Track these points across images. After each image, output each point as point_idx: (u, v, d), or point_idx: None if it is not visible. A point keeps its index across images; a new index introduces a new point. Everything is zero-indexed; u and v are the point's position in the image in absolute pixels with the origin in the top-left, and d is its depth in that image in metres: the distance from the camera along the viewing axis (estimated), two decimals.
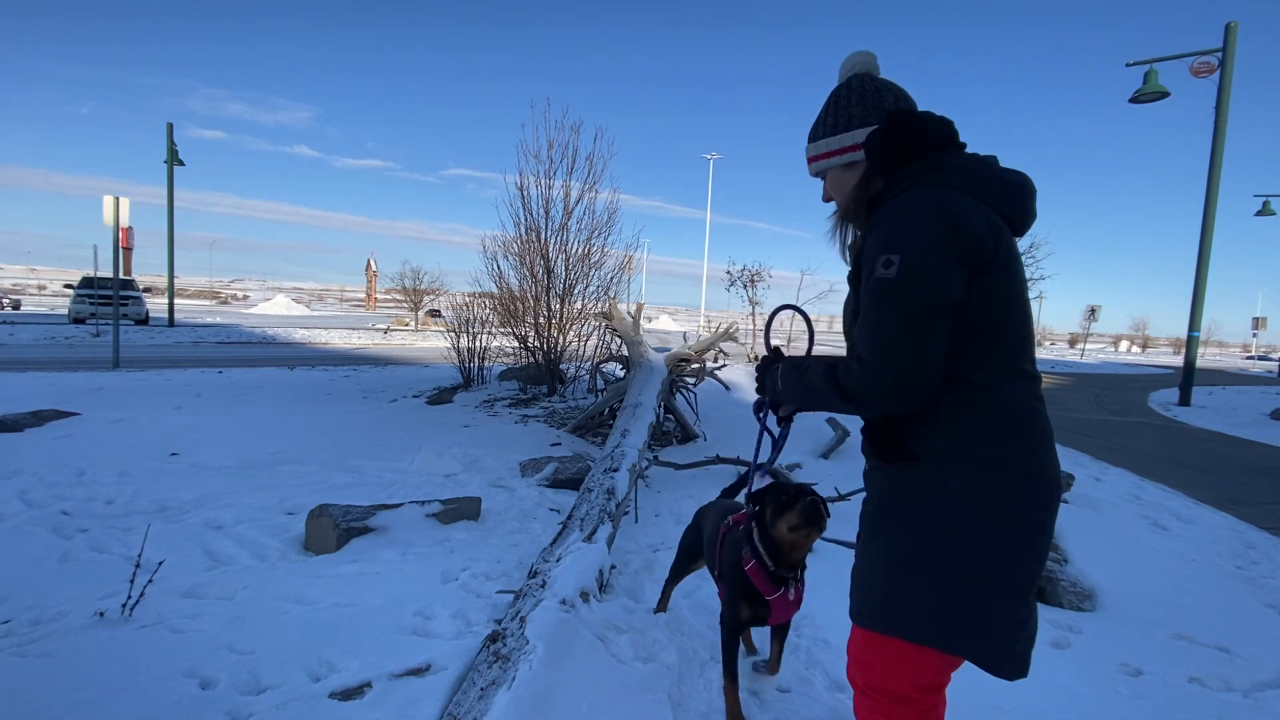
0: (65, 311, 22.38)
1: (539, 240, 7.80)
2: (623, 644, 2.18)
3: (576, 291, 7.91)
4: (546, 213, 7.79)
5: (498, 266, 7.97)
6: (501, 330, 8.27)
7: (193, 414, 6.23)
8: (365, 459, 4.83)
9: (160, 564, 2.50)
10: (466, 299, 8.66)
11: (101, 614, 2.25)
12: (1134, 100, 12.34)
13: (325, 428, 5.86)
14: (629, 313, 7.72)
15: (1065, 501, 3.74)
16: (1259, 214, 17.14)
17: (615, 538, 3.16)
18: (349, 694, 1.94)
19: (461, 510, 3.54)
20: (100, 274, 17.56)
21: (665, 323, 58.11)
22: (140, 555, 2.49)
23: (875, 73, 1.33)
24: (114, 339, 9.90)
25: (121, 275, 11.00)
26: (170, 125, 20.47)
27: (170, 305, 22.28)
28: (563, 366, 8.03)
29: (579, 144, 7.84)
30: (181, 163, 20.79)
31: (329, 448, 5.08)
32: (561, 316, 7.80)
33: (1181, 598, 3.06)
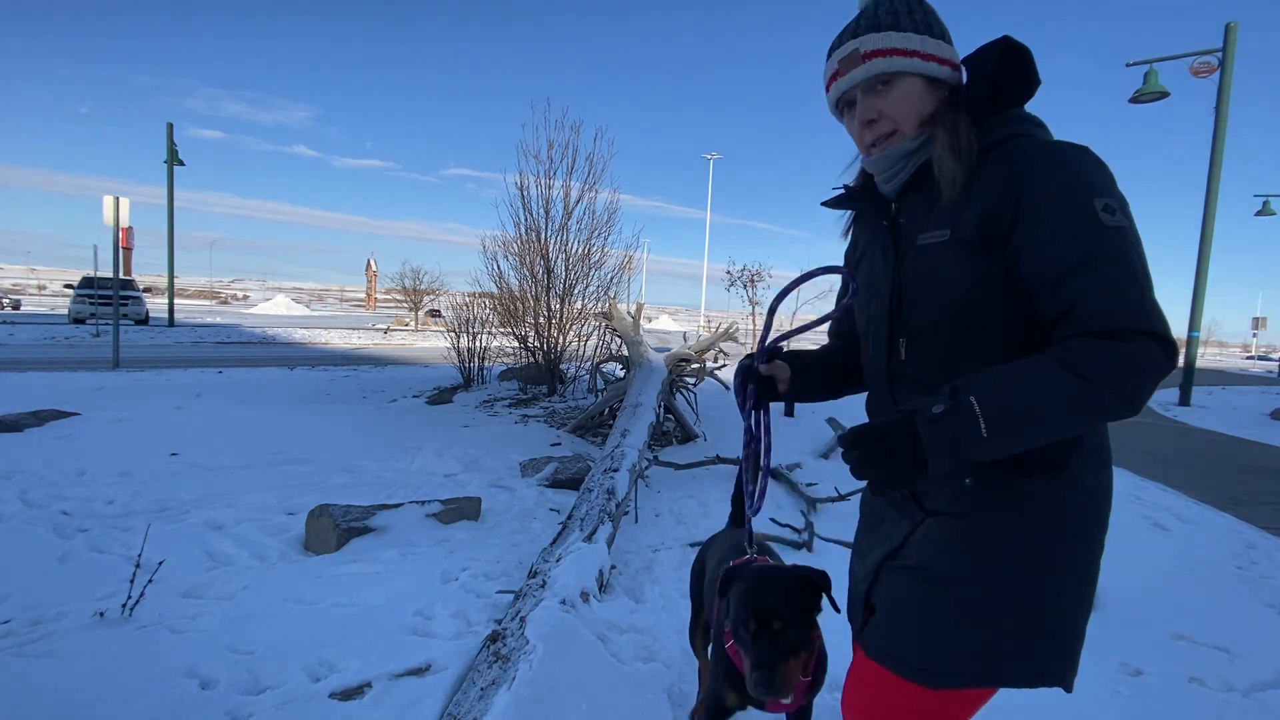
0: (65, 311, 22.38)
1: (539, 240, 7.81)
2: (623, 644, 2.19)
3: (576, 291, 7.92)
4: (546, 213, 7.80)
5: (498, 266, 7.99)
6: (501, 330, 8.27)
7: (193, 414, 6.23)
8: (365, 459, 4.83)
9: (160, 564, 2.50)
10: (466, 299, 8.67)
11: (101, 614, 2.25)
12: (1134, 100, 12.34)
13: (325, 428, 5.86)
14: (629, 313, 7.73)
15: None
16: (1259, 214, 17.13)
17: (615, 538, 3.16)
18: (349, 694, 1.94)
19: (461, 510, 3.54)
20: (100, 274, 17.57)
21: (665, 323, 58.12)
22: (140, 555, 2.49)
23: None
24: (114, 339, 9.91)
25: (121, 275, 11.00)
26: (170, 125, 20.49)
27: (170, 305, 22.29)
28: (563, 366, 8.03)
29: (579, 144, 7.86)
30: (181, 163, 20.80)
31: (329, 448, 5.08)
32: (561, 316, 7.80)
33: (1181, 598, 3.06)
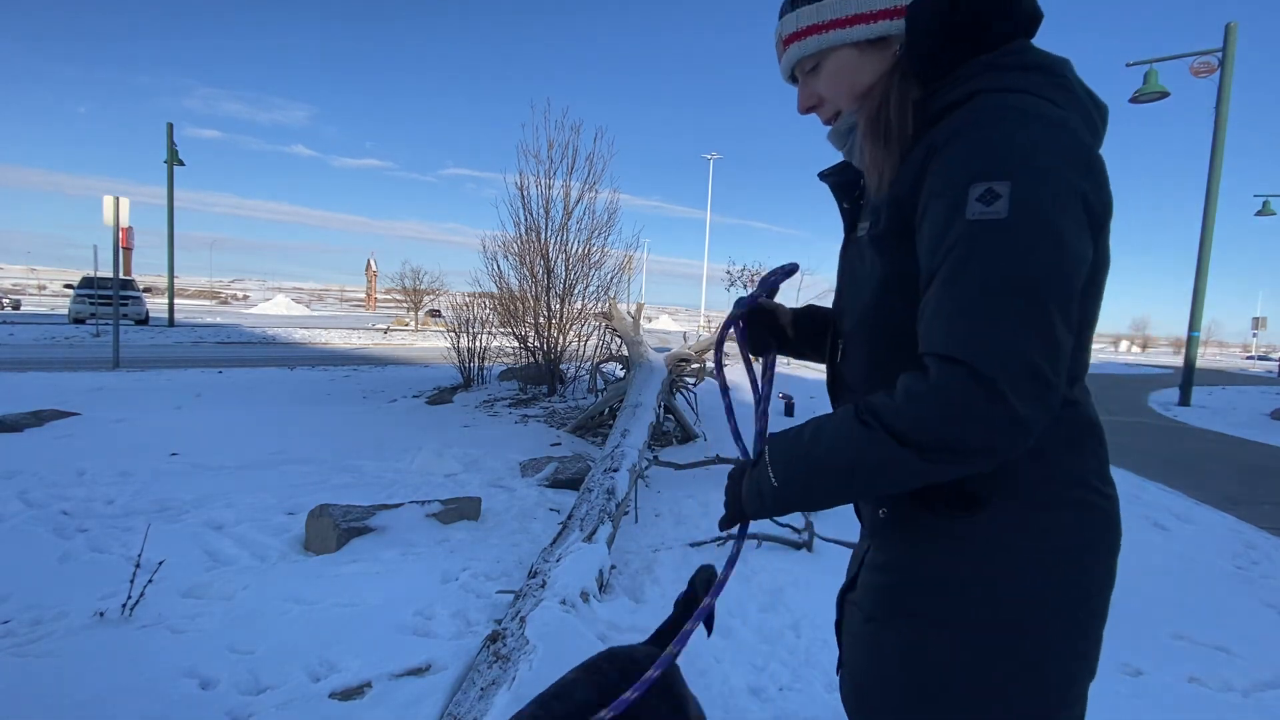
0: (65, 311, 22.37)
1: (539, 240, 7.81)
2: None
3: (576, 291, 7.92)
4: (546, 213, 7.80)
5: (498, 266, 7.99)
6: (501, 330, 8.27)
7: (193, 414, 6.24)
8: (365, 459, 4.83)
9: (160, 564, 2.50)
10: (466, 299, 8.67)
11: (101, 614, 2.25)
12: (1134, 100, 12.34)
13: (325, 428, 5.86)
14: (629, 313, 7.73)
15: None
16: (1259, 214, 17.13)
17: (615, 538, 3.16)
18: (349, 694, 1.94)
19: (461, 510, 3.54)
20: (100, 274, 17.57)
21: (665, 323, 58.14)
22: (140, 555, 2.49)
23: None
24: (114, 339, 9.90)
25: (121, 275, 11.00)
26: (170, 125, 20.49)
27: (170, 305, 22.29)
28: (563, 366, 8.03)
29: (579, 144, 7.86)
30: (181, 163, 20.80)
31: (329, 448, 5.08)
32: (561, 316, 7.81)
33: (1181, 598, 3.07)
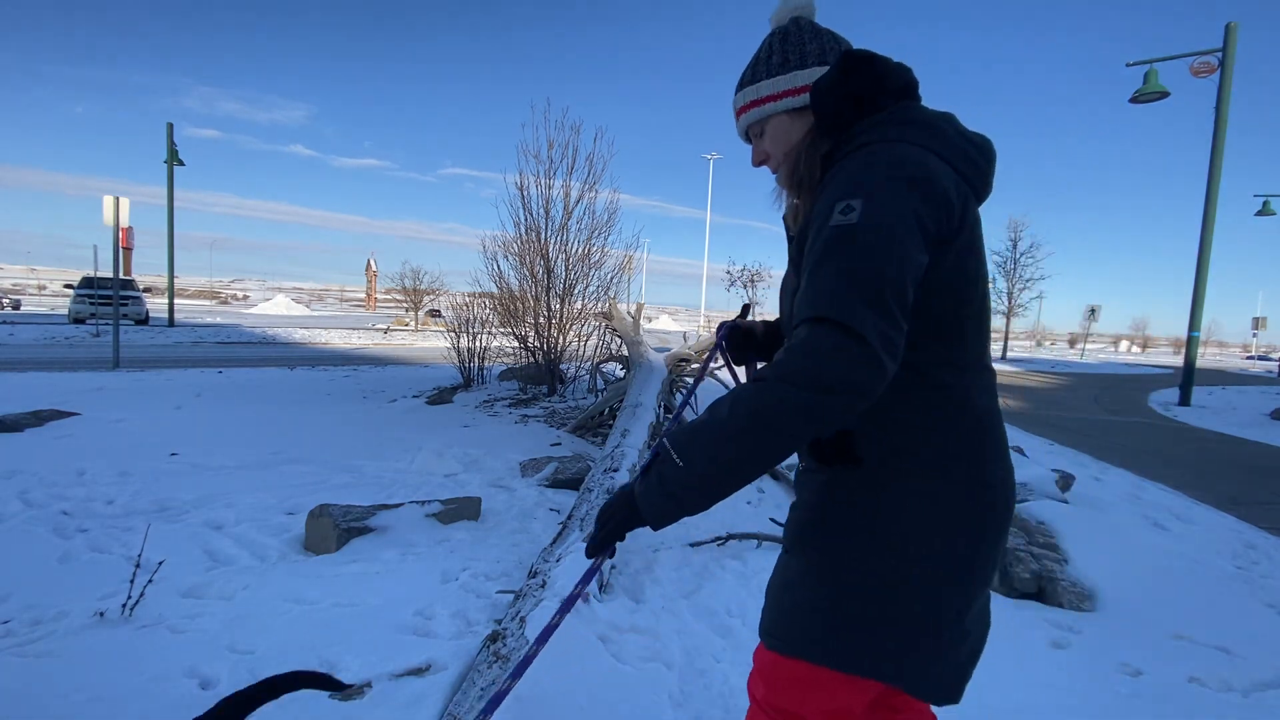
0: (65, 311, 22.37)
1: (539, 240, 7.80)
2: (623, 644, 2.19)
3: (576, 291, 7.91)
4: (546, 213, 7.80)
5: (498, 266, 7.99)
6: (501, 330, 8.27)
7: (193, 414, 6.23)
8: (365, 459, 4.83)
9: (160, 564, 2.50)
10: (466, 299, 8.67)
11: (101, 614, 2.25)
12: (1134, 100, 12.34)
13: (325, 428, 5.86)
14: (629, 313, 7.72)
15: (1065, 501, 3.74)
16: (1259, 214, 17.14)
17: None
18: (349, 694, 1.94)
19: (461, 510, 3.54)
20: (100, 274, 17.57)
21: (665, 323, 58.13)
22: (140, 555, 2.49)
23: (814, 17, 1.14)
24: (114, 339, 9.90)
25: (121, 275, 10.99)
26: (170, 125, 20.50)
27: (170, 305, 22.29)
28: (563, 366, 8.03)
29: (579, 144, 7.85)
30: (181, 163, 20.80)
31: (329, 448, 5.08)
32: (561, 316, 7.80)
33: (1181, 598, 3.06)
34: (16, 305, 32.70)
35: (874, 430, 0.99)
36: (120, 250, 10.00)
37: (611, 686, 1.90)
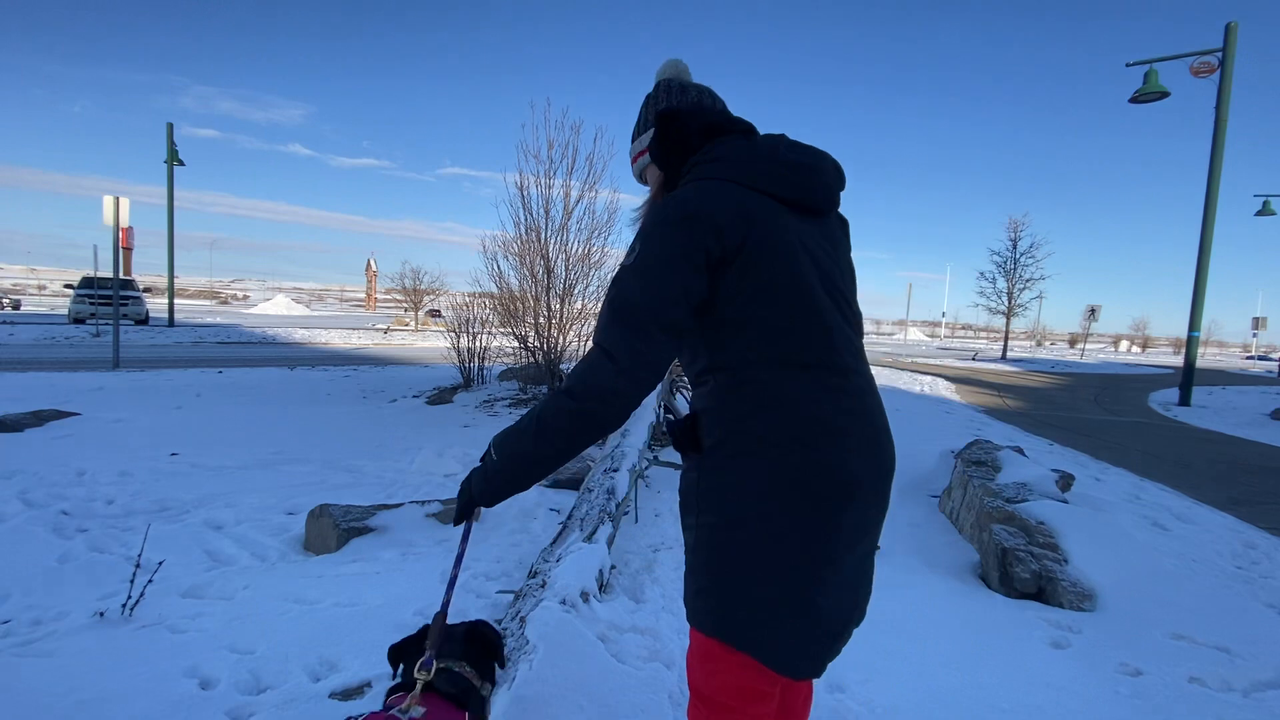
0: (65, 311, 22.37)
1: (539, 240, 7.80)
2: (623, 644, 2.19)
3: (576, 291, 7.91)
4: (546, 213, 7.79)
5: (498, 266, 7.98)
6: (501, 330, 8.27)
7: (193, 414, 6.23)
8: (365, 459, 4.83)
9: (160, 564, 2.50)
10: (466, 299, 8.67)
11: (101, 614, 2.25)
12: (1134, 100, 12.34)
13: (325, 428, 5.86)
14: None
15: (1065, 501, 3.74)
16: (1259, 214, 17.15)
17: (615, 538, 3.16)
18: (349, 694, 1.94)
19: None
20: (100, 274, 17.57)
21: None
22: (140, 555, 2.49)
23: (685, 78, 1.31)
24: (114, 339, 9.90)
25: (121, 275, 10.99)
26: (170, 125, 20.49)
27: (170, 305, 22.28)
28: (562, 366, 8.03)
29: (579, 144, 7.84)
30: (181, 163, 20.80)
31: (329, 448, 5.08)
32: (561, 316, 7.80)
33: (1181, 598, 3.06)
34: (16, 305, 32.69)
35: (709, 420, 1.14)
36: (120, 250, 10.01)
37: (612, 686, 1.90)
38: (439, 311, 26.44)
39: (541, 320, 7.74)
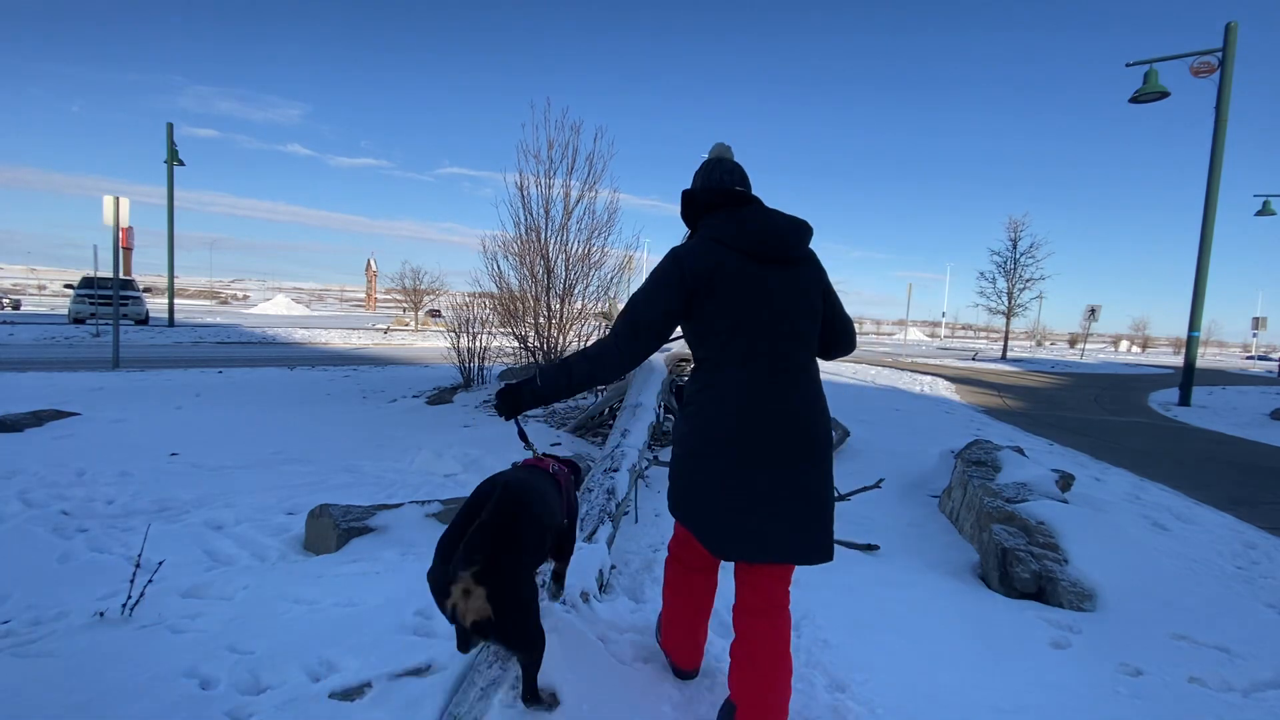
0: (65, 311, 22.36)
1: (539, 240, 7.79)
2: (623, 644, 2.19)
3: (576, 291, 7.90)
4: (546, 213, 7.78)
5: (497, 266, 7.97)
6: (501, 330, 8.27)
7: (193, 414, 6.23)
8: (365, 459, 4.83)
9: (160, 564, 2.50)
10: (466, 299, 8.66)
11: (101, 614, 2.25)
12: (1134, 100, 12.34)
13: (325, 428, 5.86)
14: None
15: (1065, 501, 3.74)
16: (1259, 214, 17.14)
17: (615, 538, 3.16)
18: (349, 694, 1.94)
19: None
20: (100, 274, 17.57)
21: None
22: (140, 555, 2.49)
23: (728, 156, 1.96)
24: (114, 339, 9.90)
25: (121, 275, 10.99)
26: (170, 126, 20.48)
27: (170, 305, 22.28)
28: None
29: (579, 144, 7.83)
30: (181, 163, 20.79)
31: (329, 448, 5.08)
32: (561, 316, 7.80)
33: (1181, 598, 3.06)
34: (16, 305, 32.67)
35: (685, 391, 1.81)
36: (120, 250, 10.00)
37: (612, 687, 1.90)
38: (439, 311, 26.44)
39: (541, 320, 7.73)
